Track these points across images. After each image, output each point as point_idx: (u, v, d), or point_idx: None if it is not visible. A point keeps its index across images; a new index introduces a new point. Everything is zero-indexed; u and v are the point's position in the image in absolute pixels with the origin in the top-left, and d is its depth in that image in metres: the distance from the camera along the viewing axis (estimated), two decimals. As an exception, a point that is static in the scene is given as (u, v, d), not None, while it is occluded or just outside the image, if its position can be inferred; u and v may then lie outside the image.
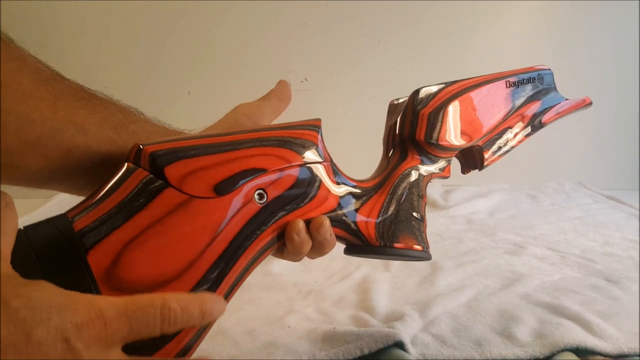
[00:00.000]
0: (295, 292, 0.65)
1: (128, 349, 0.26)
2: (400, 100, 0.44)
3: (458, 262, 0.75)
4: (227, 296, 0.33)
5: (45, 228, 0.28)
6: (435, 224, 0.97)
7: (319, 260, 0.75)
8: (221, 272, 0.32)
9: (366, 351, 0.46)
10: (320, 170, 0.37)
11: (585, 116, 1.39)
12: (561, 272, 0.72)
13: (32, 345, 0.23)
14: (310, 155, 0.37)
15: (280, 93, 0.45)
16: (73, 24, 1.12)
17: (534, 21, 1.32)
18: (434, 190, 1.20)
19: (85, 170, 0.34)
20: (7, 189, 0.34)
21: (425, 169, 0.43)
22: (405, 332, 0.50)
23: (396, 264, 0.74)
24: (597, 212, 1.09)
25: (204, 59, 1.18)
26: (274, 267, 0.72)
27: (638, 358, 0.48)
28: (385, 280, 0.67)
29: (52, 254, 0.27)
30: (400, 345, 0.47)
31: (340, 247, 0.82)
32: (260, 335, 0.52)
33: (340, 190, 0.39)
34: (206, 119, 0.43)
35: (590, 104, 0.52)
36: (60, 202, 1.05)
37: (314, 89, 1.20)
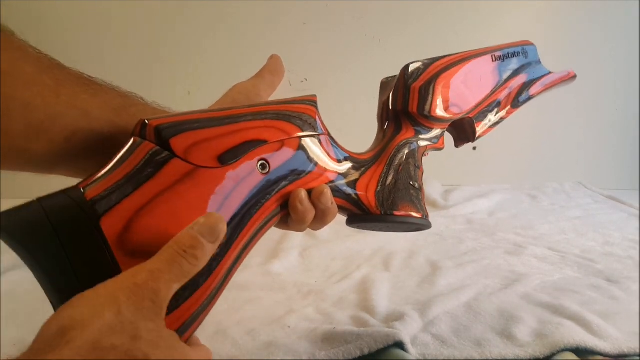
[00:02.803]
0: (295, 292, 0.65)
1: None
2: (391, 78, 0.46)
3: (458, 262, 0.75)
4: (236, 263, 0.35)
5: (58, 198, 0.30)
6: (435, 224, 0.95)
7: (319, 260, 0.76)
8: (230, 239, 0.33)
9: (366, 351, 0.46)
10: (319, 143, 0.39)
11: (586, 116, 1.40)
12: (561, 272, 0.72)
13: None
14: (308, 128, 0.38)
15: (273, 68, 0.46)
16: (72, 23, 1.12)
17: (534, 21, 1.32)
18: (434, 190, 1.20)
19: (88, 153, 0.36)
20: (15, 175, 0.36)
21: (419, 141, 0.45)
22: (405, 332, 0.50)
23: (396, 264, 0.74)
24: (597, 212, 1.09)
25: (204, 59, 1.18)
26: (274, 267, 0.72)
27: (638, 358, 0.48)
28: (385, 280, 0.67)
29: (67, 222, 0.29)
30: (400, 345, 0.47)
31: (340, 247, 0.82)
32: (260, 335, 0.52)
33: (339, 161, 0.40)
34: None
35: (575, 77, 0.53)
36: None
37: (314, 89, 1.19)
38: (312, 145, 0.38)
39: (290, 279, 0.69)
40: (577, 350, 0.48)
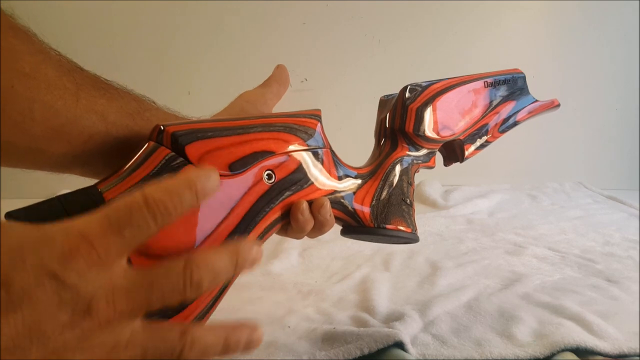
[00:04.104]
0: (295, 292, 0.65)
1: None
2: (390, 96, 0.48)
3: (458, 262, 0.75)
4: None
5: (77, 196, 0.30)
6: (435, 224, 0.97)
7: (319, 260, 0.76)
8: None
9: (366, 351, 0.46)
10: (321, 156, 0.40)
11: (586, 116, 1.40)
12: (561, 272, 0.72)
13: (16, 295, 0.20)
14: (312, 141, 0.40)
15: (279, 78, 0.47)
16: (73, 23, 1.12)
17: (533, 21, 1.31)
18: (433, 190, 1.20)
19: (104, 155, 0.37)
20: (32, 174, 0.37)
21: (413, 159, 0.47)
22: (405, 332, 0.50)
23: (396, 264, 0.74)
24: (597, 212, 1.09)
25: (204, 59, 1.18)
26: (274, 267, 0.72)
27: (638, 358, 0.48)
28: (385, 280, 0.67)
29: None
30: (400, 345, 0.47)
31: (340, 247, 0.82)
32: (260, 335, 0.52)
33: (339, 175, 0.42)
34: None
35: (558, 105, 0.56)
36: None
37: (314, 89, 1.20)
38: (315, 159, 0.40)
39: (290, 279, 0.69)
40: (577, 350, 0.48)
